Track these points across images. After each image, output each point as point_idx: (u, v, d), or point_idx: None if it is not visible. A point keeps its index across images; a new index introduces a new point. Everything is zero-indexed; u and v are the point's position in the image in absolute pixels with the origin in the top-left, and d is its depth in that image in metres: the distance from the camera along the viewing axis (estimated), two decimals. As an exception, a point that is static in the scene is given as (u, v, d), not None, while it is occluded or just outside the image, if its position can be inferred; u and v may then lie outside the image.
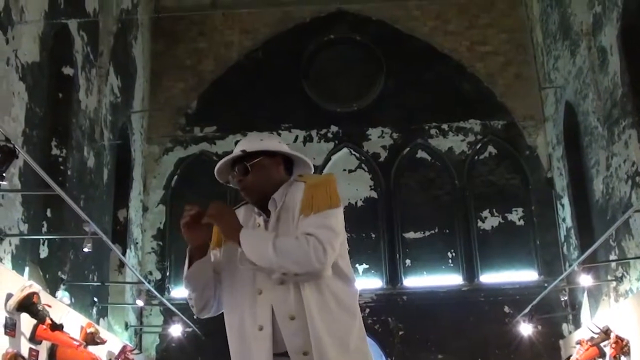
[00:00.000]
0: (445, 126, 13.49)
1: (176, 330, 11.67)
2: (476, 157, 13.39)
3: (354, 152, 13.57)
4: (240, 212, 2.84)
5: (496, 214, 13.07)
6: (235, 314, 2.69)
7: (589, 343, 8.97)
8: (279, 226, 2.71)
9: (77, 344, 7.33)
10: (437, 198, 13.22)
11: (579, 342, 9.35)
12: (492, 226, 13.01)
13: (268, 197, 2.76)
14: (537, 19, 13.41)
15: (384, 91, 13.83)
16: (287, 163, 2.89)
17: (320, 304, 2.57)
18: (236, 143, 2.93)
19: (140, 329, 12.41)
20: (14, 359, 6.21)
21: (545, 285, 11.51)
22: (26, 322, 6.69)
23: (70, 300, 8.97)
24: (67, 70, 9.78)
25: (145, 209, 13.19)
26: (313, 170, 2.95)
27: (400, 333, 12.33)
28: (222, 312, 2.83)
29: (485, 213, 13.06)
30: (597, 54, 10.40)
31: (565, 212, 12.34)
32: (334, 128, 13.60)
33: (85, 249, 7.58)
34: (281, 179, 2.82)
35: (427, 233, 13.00)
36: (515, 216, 13.06)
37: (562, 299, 12.26)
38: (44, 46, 8.57)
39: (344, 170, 13.35)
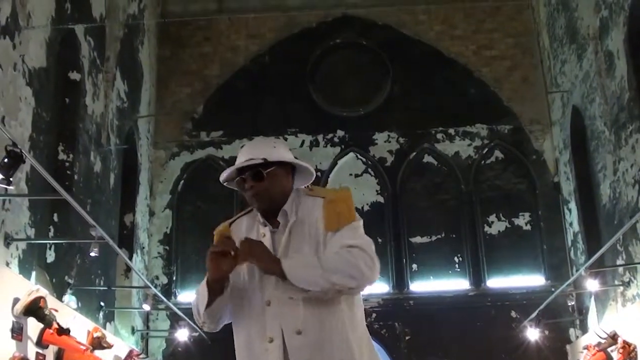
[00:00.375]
0: (451, 130, 13.47)
1: (183, 334, 11.67)
2: (483, 162, 13.37)
3: (360, 157, 13.56)
4: (242, 223, 2.83)
5: (503, 218, 13.04)
6: (244, 325, 2.67)
7: (596, 348, 8.92)
8: (291, 240, 2.68)
9: (84, 348, 7.34)
10: (444, 203, 13.20)
11: (586, 347, 9.31)
12: (499, 231, 12.98)
13: (277, 206, 2.74)
14: (544, 23, 13.40)
15: (391, 95, 13.82)
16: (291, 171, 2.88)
17: (349, 316, 2.59)
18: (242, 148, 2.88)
19: (147, 334, 12.43)
20: (20, 363, 6.23)
21: (552, 290, 11.48)
22: (33, 326, 6.69)
23: (77, 304, 8.99)
24: (74, 75, 9.82)
25: (151, 214, 13.20)
26: (314, 178, 2.94)
27: (407, 338, 12.30)
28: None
29: (492, 218, 13.04)
30: (604, 58, 10.37)
31: (572, 217, 12.30)
32: (340, 132, 13.59)
33: (92, 254, 7.58)
34: (290, 188, 2.81)
35: (434, 238, 12.97)
36: (522, 221, 13.02)
37: (569, 304, 12.21)
38: (50, 51, 8.60)
39: (350, 174, 13.35)
